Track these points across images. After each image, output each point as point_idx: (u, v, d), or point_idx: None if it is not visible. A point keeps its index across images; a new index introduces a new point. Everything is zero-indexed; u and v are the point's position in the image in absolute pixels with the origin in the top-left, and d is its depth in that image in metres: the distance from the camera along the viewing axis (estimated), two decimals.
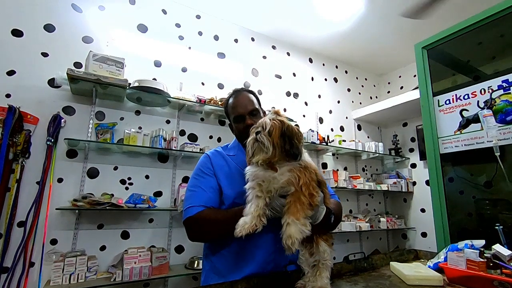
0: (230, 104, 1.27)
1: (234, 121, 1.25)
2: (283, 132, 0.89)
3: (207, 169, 1.17)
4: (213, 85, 2.87)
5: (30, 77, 2.06)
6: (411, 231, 3.62)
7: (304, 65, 3.62)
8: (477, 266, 0.98)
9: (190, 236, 1.12)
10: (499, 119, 1.57)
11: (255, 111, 1.23)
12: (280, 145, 0.87)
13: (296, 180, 0.85)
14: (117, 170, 2.26)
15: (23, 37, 2.08)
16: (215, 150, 1.27)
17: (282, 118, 0.93)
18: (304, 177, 0.86)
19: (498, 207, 1.86)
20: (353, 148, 3.35)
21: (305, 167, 0.90)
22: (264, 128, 0.89)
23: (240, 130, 1.22)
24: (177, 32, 2.77)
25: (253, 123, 1.20)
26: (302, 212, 0.81)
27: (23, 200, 1.90)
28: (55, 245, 1.97)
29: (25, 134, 1.94)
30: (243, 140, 1.25)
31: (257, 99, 1.30)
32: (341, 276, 1.10)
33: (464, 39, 1.92)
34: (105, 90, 2.16)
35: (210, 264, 1.17)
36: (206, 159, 1.21)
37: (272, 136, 0.87)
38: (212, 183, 1.14)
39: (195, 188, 1.13)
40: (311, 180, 0.88)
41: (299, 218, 0.80)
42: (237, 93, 1.29)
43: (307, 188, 0.85)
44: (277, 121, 0.91)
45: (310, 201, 0.83)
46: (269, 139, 0.87)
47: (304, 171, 0.88)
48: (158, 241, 2.31)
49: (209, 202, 1.10)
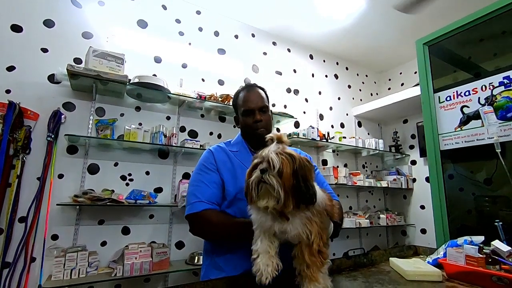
0: (241, 97, 1.27)
1: (243, 114, 1.25)
2: (295, 171, 0.74)
3: (210, 165, 1.18)
4: (213, 82, 2.86)
5: (30, 73, 2.06)
6: (410, 227, 3.63)
7: (305, 61, 3.61)
8: (476, 262, 0.99)
9: (192, 231, 1.14)
10: (500, 116, 1.56)
11: (264, 108, 1.25)
12: (293, 189, 0.73)
13: (308, 234, 0.75)
14: (117, 166, 2.27)
15: (22, 32, 2.07)
16: (218, 146, 1.27)
17: (291, 151, 0.78)
18: (316, 227, 0.76)
19: (497, 204, 1.87)
20: (353, 145, 3.35)
21: (318, 212, 0.79)
22: (272, 166, 0.72)
23: (248, 124, 1.24)
24: (177, 28, 2.75)
25: (262, 119, 1.22)
26: (318, 271, 0.76)
27: (24, 196, 1.91)
28: (56, 241, 1.98)
29: (26, 130, 1.94)
30: (248, 134, 1.26)
31: (267, 97, 1.31)
32: (341, 271, 1.11)
33: (465, 36, 1.91)
34: (105, 86, 2.15)
35: (210, 259, 1.18)
36: (209, 155, 1.22)
37: (283, 179, 0.72)
38: (215, 178, 1.15)
39: (199, 183, 1.14)
40: (323, 229, 0.80)
41: (318, 279, 0.74)
42: (249, 87, 1.29)
43: (317, 243, 0.76)
44: (287, 156, 0.75)
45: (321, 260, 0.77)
46: (279, 182, 0.72)
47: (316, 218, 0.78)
48: (158, 237, 2.32)
49: (212, 197, 1.11)
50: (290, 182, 0.72)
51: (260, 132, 1.23)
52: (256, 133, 1.23)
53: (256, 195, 0.75)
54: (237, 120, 1.33)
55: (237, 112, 1.32)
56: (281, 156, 0.74)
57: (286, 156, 0.75)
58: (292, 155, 0.76)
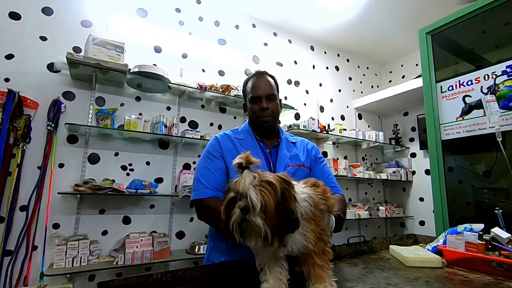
0: (250, 84, 1.27)
1: (251, 101, 1.25)
2: (278, 204, 0.64)
3: (215, 152, 1.19)
4: (214, 72, 2.84)
5: (29, 62, 2.04)
6: (409, 219, 3.65)
7: (306, 53, 3.58)
8: (475, 248, 1.00)
9: (198, 216, 1.17)
10: (502, 105, 1.56)
11: (272, 96, 1.24)
12: (278, 223, 0.64)
13: (311, 243, 0.71)
14: (118, 156, 2.27)
15: (21, 20, 2.05)
16: (225, 133, 1.28)
17: (267, 177, 0.66)
18: (314, 233, 0.72)
19: (496, 196, 1.88)
20: (353, 137, 3.35)
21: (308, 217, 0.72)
22: (253, 206, 0.62)
23: (254, 111, 1.24)
24: (177, 17, 2.72)
25: (269, 107, 1.22)
26: (326, 274, 0.73)
27: (25, 185, 1.91)
28: (58, 229, 1.99)
29: (25, 119, 1.93)
30: (254, 122, 1.26)
31: (276, 85, 1.30)
32: (341, 258, 1.12)
33: (468, 27, 1.90)
34: (105, 76, 2.13)
35: (214, 242, 1.20)
36: (215, 142, 1.23)
37: (268, 217, 0.63)
38: (221, 165, 1.16)
39: (204, 170, 1.15)
40: (323, 229, 0.76)
41: (325, 279, 0.72)
42: (259, 74, 1.29)
43: (320, 248, 0.73)
44: (267, 188, 0.64)
45: (326, 264, 0.74)
46: (264, 221, 0.63)
47: (310, 225, 0.72)
48: (159, 226, 2.34)
49: (217, 184, 1.12)
50: (275, 219, 0.63)
51: (265, 120, 1.22)
52: (261, 120, 1.23)
53: (239, 236, 0.66)
54: (245, 107, 1.33)
55: (245, 99, 1.31)
56: (260, 190, 0.64)
57: (266, 188, 0.64)
58: (271, 184, 0.65)
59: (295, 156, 1.26)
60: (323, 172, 1.30)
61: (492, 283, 0.85)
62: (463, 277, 0.91)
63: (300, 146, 1.33)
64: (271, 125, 1.27)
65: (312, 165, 1.31)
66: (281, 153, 1.24)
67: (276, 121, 1.29)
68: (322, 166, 1.32)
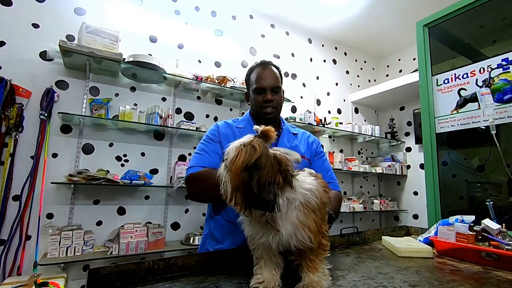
0: (255, 74, 1.25)
1: (255, 91, 1.24)
2: (248, 166, 0.58)
3: (214, 136, 1.21)
4: (210, 63, 2.81)
5: (21, 49, 2.00)
6: (403, 213, 3.69)
7: (303, 45, 3.56)
8: (466, 239, 1.01)
9: (189, 193, 1.16)
10: (497, 98, 1.56)
11: (277, 89, 1.23)
12: (243, 187, 0.59)
13: (309, 236, 0.65)
14: (112, 147, 2.25)
15: (12, 6, 2.00)
16: (225, 122, 1.29)
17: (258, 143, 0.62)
18: (314, 224, 0.67)
19: (489, 190, 1.90)
20: (349, 131, 3.36)
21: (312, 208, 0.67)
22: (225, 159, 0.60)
23: (258, 103, 1.23)
24: (173, 6, 2.68)
25: (273, 99, 1.21)
26: (320, 263, 0.70)
27: (18, 174, 1.89)
28: (51, 219, 1.98)
29: (18, 108, 1.90)
30: (257, 112, 1.26)
31: (281, 77, 1.29)
32: (334, 248, 1.13)
33: (465, 21, 1.89)
34: (99, 65, 2.10)
35: (208, 229, 1.22)
36: (215, 127, 1.25)
37: (231, 173, 0.60)
38: (217, 149, 1.18)
39: (201, 152, 1.17)
40: (323, 220, 0.71)
41: (318, 269, 0.70)
42: (265, 65, 1.27)
43: (318, 241, 0.68)
44: (249, 148, 0.60)
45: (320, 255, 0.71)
46: (229, 176, 0.60)
47: (312, 215, 0.67)
48: (154, 217, 2.34)
49: (211, 164, 1.12)
50: (238, 178, 0.59)
51: (269, 112, 1.22)
52: (264, 112, 1.22)
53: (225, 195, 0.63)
54: (247, 96, 1.32)
55: (248, 89, 1.30)
56: (242, 147, 0.61)
57: (248, 148, 0.60)
58: (255, 148, 0.60)
59: (295, 147, 1.26)
60: (324, 167, 1.30)
61: (481, 272, 0.86)
62: (452, 266, 0.92)
63: (301, 138, 1.33)
64: (274, 117, 1.27)
65: (313, 158, 1.31)
66: (281, 143, 1.24)
67: (278, 113, 1.29)
68: (322, 161, 1.33)
